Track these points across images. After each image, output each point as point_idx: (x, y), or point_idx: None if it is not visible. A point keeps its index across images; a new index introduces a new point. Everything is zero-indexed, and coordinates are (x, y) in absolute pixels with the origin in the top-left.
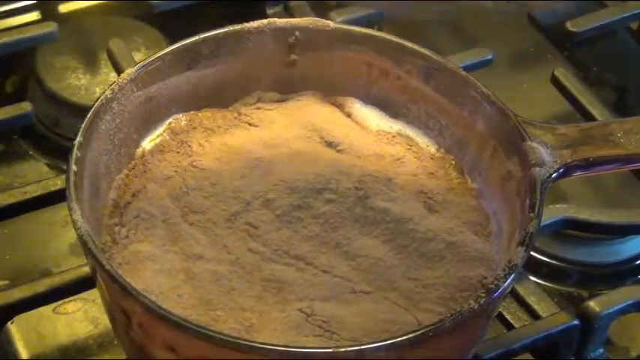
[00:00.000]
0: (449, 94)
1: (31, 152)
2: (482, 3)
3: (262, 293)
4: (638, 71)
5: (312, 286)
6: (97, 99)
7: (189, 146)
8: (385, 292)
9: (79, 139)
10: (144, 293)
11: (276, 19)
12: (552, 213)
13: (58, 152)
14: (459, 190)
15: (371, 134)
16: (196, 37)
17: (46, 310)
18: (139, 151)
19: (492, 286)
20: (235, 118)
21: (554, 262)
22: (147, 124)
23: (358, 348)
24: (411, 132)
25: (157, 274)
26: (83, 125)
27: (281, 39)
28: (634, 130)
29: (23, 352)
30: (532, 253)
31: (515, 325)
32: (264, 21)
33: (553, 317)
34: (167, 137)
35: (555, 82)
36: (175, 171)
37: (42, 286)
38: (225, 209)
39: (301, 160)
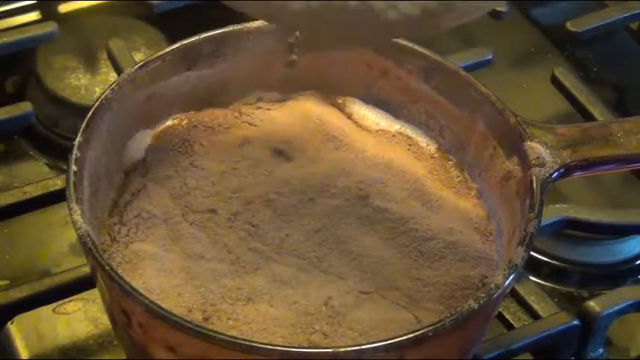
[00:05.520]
0: (449, 94)
1: (31, 152)
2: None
3: None
4: (638, 71)
5: (312, 286)
6: (97, 99)
7: (190, 146)
8: (386, 291)
9: (79, 139)
10: (144, 293)
11: None
12: (552, 213)
13: (58, 152)
14: (459, 190)
15: (371, 134)
16: (196, 37)
17: (46, 310)
18: (140, 150)
19: (492, 286)
20: (236, 117)
21: (554, 262)
22: (147, 124)
23: (358, 348)
24: (411, 132)
25: (157, 274)
26: (83, 125)
27: (281, 39)
28: (634, 130)
29: (23, 352)
30: (532, 253)
31: (515, 325)
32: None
33: (553, 317)
34: (167, 137)
35: (555, 82)
36: (176, 170)
37: (42, 286)
38: (226, 208)
39: (302, 159)
